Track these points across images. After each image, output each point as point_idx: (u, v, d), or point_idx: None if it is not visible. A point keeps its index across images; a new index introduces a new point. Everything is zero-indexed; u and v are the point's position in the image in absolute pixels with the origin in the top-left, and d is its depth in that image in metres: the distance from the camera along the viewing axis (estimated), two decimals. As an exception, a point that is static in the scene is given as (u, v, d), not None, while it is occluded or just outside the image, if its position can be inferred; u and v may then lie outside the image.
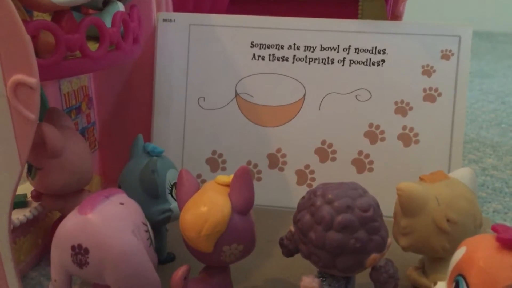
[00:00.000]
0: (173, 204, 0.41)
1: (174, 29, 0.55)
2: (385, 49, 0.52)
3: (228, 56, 0.54)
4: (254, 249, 0.37)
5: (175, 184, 0.41)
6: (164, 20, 0.55)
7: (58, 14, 0.38)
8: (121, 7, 0.44)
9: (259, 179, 0.55)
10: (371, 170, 0.53)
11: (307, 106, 0.54)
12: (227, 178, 0.36)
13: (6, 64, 0.33)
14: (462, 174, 0.39)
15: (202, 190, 0.36)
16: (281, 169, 0.55)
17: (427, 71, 0.52)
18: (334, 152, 0.54)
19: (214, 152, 0.55)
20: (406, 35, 0.52)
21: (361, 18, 0.55)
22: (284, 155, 0.54)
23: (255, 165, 0.55)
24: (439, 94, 0.52)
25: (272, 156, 0.55)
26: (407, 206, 0.37)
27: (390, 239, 0.35)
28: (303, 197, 0.36)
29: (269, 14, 0.54)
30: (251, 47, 0.54)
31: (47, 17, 0.39)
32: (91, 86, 0.59)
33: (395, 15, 0.53)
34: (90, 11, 0.46)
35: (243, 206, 0.35)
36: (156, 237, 0.41)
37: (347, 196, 0.33)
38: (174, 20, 0.55)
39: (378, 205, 0.34)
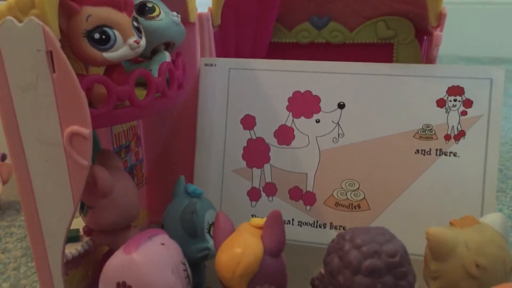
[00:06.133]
0: (211, 243, 0.43)
1: (214, 73, 0.58)
2: None
3: (268, 99, 0.56)
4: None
5: (213, 223, 0.44)
6: (206, 64, 0.58)
7: (110, 67, 0.42)
8: (167, 56, 0.48)
9: None
10: None
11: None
12: (260, 220, 0.38)
13: (64, 116, 0.37)
14: (492, 219, 0.39)
15: (237, 232, 0.38)
16: None
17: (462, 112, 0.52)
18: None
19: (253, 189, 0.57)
20: (437, 77, 0.51)
21: (396, 61, 0.56)
22: None
23: None
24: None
25: None
26: (437, 251, 0.37)
27: (418, 285, 0.35)
28: (333, 240, 0.38)
29: (307, 59, 0.55)
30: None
31: (100, 70, 0.43)
32: (139, 125, 0.63)
33: (429, 59, 0.53)
34: (139, 58, 0.50)
35: (275, 249, 0.37)
36: (196, 273, 0.44)
37: (375, 241, 0.35)
38: (215, 65, 0.58)
39: (405, 251, 0.35)
